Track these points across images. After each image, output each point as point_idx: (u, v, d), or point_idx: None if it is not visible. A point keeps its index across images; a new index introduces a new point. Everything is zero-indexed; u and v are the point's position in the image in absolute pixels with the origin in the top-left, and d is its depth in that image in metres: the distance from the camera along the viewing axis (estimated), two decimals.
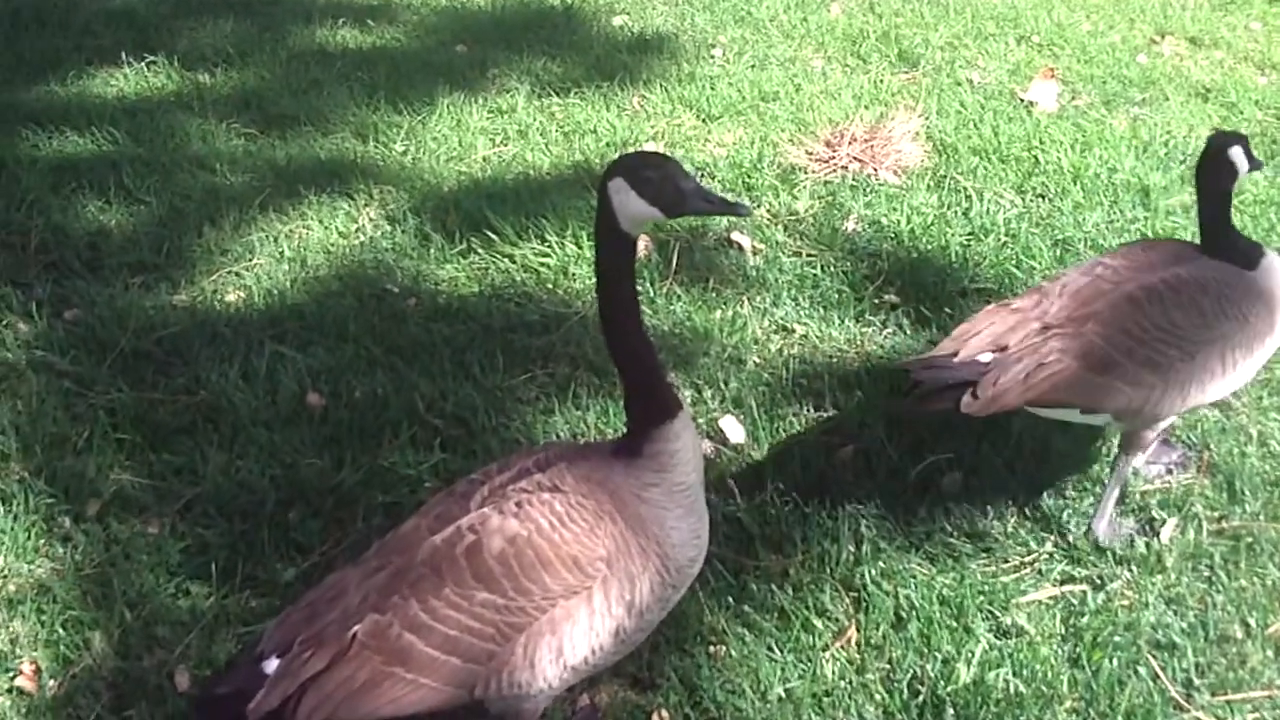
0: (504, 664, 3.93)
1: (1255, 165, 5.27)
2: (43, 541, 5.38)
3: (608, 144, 8.67)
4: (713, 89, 9.54)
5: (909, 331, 6.56)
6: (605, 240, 3.88)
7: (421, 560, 3.95)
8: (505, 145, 8.72)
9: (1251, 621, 4.94)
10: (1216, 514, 5.45)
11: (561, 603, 3.92)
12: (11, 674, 4.82)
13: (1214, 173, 5.26)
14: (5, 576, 5.21)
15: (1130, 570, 5.15)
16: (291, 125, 8.99)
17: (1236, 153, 5.14)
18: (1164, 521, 5.36)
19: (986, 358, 4.92)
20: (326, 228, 7.59)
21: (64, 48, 10.37)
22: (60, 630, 4.97)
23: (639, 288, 6.51)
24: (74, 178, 8.10)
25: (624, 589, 3.98)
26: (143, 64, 9.97)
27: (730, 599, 5.01)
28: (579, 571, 3.92)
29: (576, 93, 9.51)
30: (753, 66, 10.09)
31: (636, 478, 4.06)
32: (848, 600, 5.02)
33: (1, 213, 7.71)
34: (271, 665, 3.94)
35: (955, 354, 4.96)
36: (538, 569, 3.89)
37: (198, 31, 10.76)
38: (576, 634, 3.96)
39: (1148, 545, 5.23)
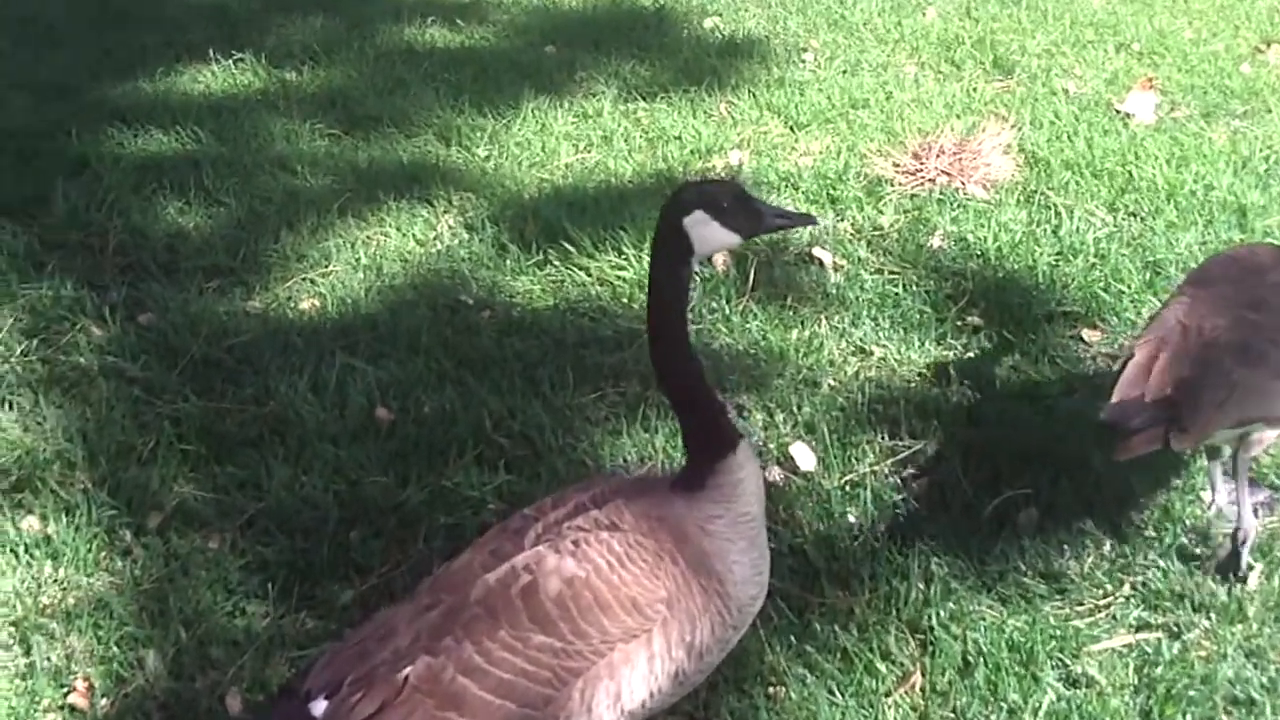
0: (560, 709, 3.79)
1: None
2: (103, 554, 5.33)
3: (692, 151, 8.56)
4: (802, 95, 9.41)
5: (991, 356, 6.39)
6: (671, 272, 3.82)
7: (475, 600, 3.81)
8: (589, 151, 8.62)
9: None
10: None
11: (620, 646, 3.80)
12: (66, 690, 4.76)
13: None
14: (65, 589, 5.17)
15: (1209, 618, 4.96)
16: (375, 126, 8.95)
17: None
18: (1251, 567, 5.16)
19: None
20: (404, 235, 7.52)
21: (153, 43, 10.42)
22: (115, 648, 4.90)
23: (715, 305, 6.52)
24: (156, 177, 8.11)
25: (684, 631, 3.87)
26: (230, 61, 10.00)
27: (792, 638, 4.86)
28: (638, 614, 3.80)
29: (663, 97, 9.41)
30: (844, 72, 9.94)
31: (699, 510, 3.96)
32: (914, 643, 4.86)
33: (82, 213, 7.71)
34: (319, 706, 3.82)
35: (1142, 395, 4.75)
36: (596, 611, 3.77)
37: (287, 28, 10.77)
38: (635, 678, 3.83)
39: (1229, 592, 5.04)
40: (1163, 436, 4.65)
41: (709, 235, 3.77)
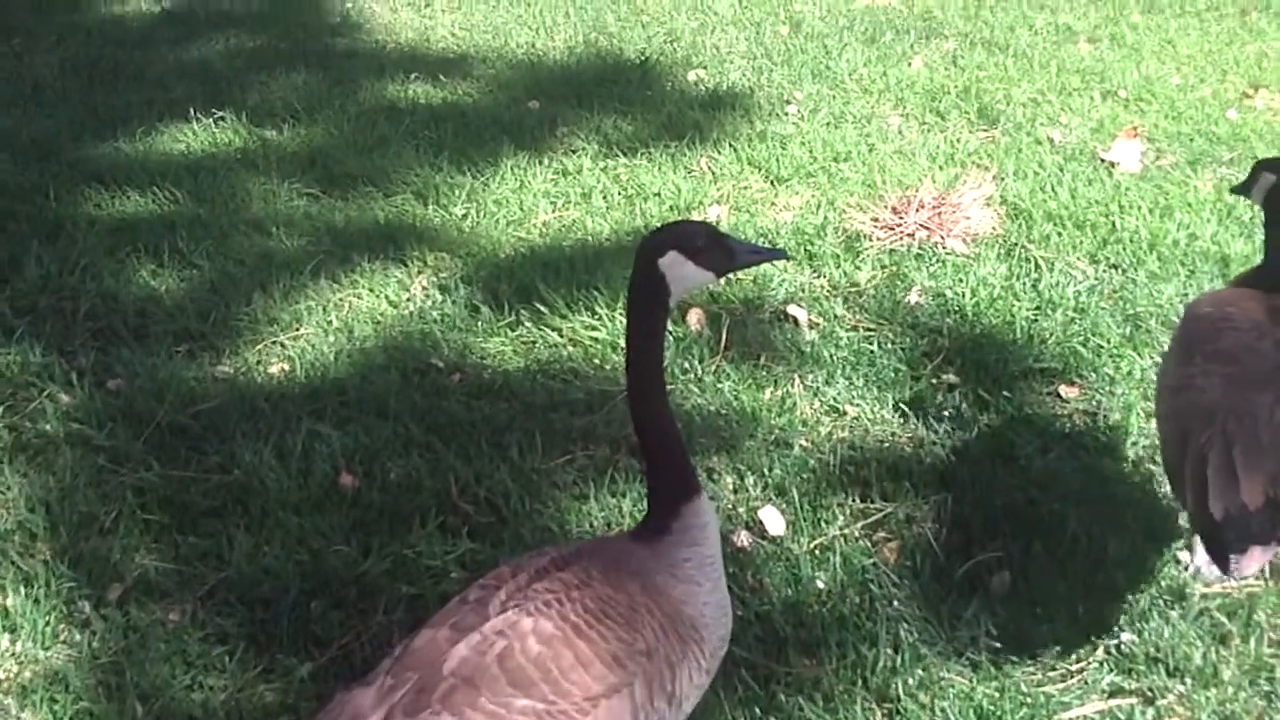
0: None
1: None
2: (62, 627, 5.22)
3: (671, 207, 8.50)
4: (783, 149, 9.35)
5: (966, 415, 6.30)
6: (647, 314, 3.92)
7: (450, 671, 3.72)
8: (567, 209, 8.55)
9: None
10: None
11: (604, 703, 3.75)
12: None
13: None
14: (21, 663, 5.06)
15: (1184, 683, 4.85)
16: (353, 185, 8.88)
17: None
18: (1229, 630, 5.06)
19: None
20: (377, 296, 7.44)
21: (136, 102, 10.39)
22: None
23: (688, 365, 6.43)
24: (130, 240, 8.02)
25: (665, 680, 3.85)
26: (211, 119, 9.93)
27: (757, 709, 4.74)
28: (620, 668, 3.77)
29: (644, 153, 9.36)
30: (827, 124, 9.89)
31: (667, 556, 4.01)
32: (880, 713, 4.76)
33: (54, 277, 7.61)
34: None
35: (1246, 505, 4.45)
36: (579, 670, 3.73)
37: (269, 85, 10.73)
38: None
39: (1204, 656, 4.93)
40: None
41: (684, 275, 3.87)
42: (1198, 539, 5.12)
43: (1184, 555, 5.43)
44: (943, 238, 7.87)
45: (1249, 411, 4.64)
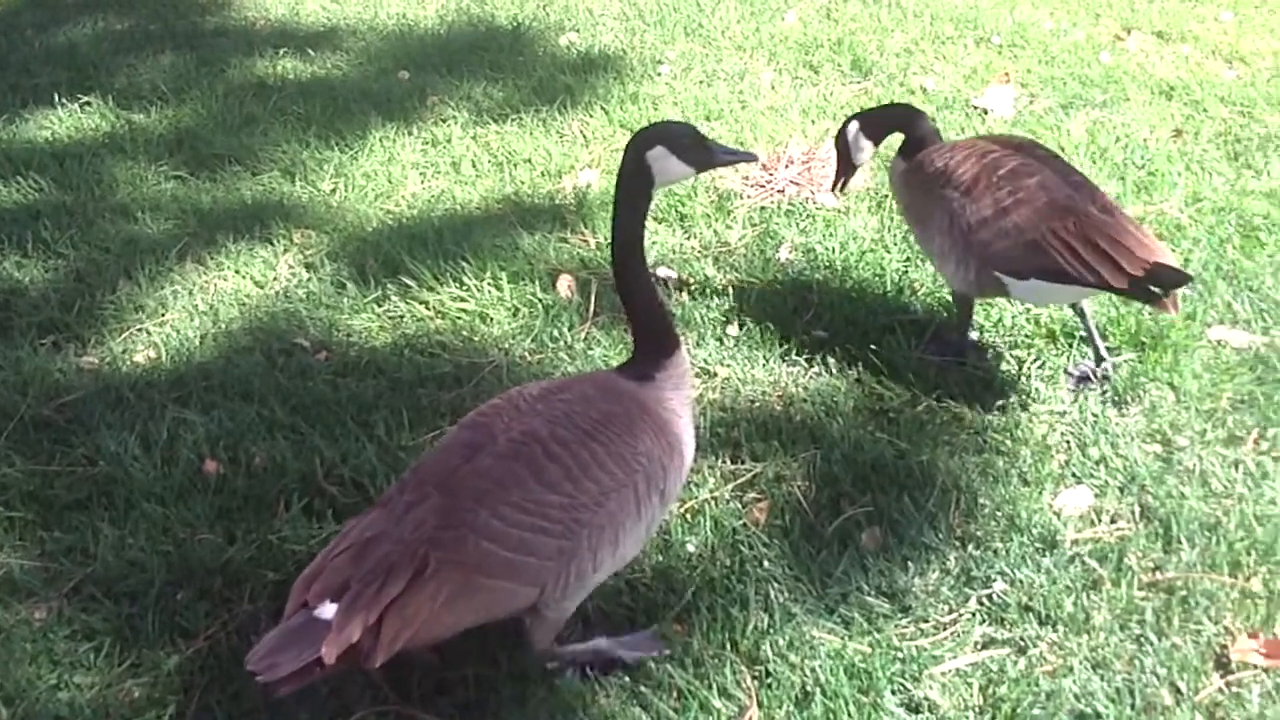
0: (571, 559, 4.24)
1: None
2: None
3: (542, 173, 8.41)
4: (655, 109, 9.27)
5: (836, 371, 6.25)
6: (632, 199, 4.53)
7: (479, 473, 4.23)
8: (436, 179, 8.43)
9: (1182, 685, 4.60)
10: (1151, 565, 5.13)
11: (614, 495, 4.30)
12: None
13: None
14: None
15: (1056, 630, 4.83)
16: (221, 166, 8.72)
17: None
18: (1100, 576, 5.06)
19: None
20: (242, 277, 7.31)
21: None
22: None
23: (557, 333, 6.36)
24: None
25: (658, 479, 4.44)
26: (77, 105, 9.72)
27: (626, 678, 4.69)
28: (625, 465, 4.34)
29: (514, 119, 9.25)
30: (700, 83, 9.80)
31: (654, 392, 4.62)
32: (750, 676, 4.70)
33: None
34: (327, 609, 4.02)
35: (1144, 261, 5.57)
36: (593, 468, 4.28)
37: (137, 68, 10.52)
38: (628, 523, 4.36)
39: (1075, 603, 4.91)
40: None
41: (668, 168, 4.50)
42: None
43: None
44: (813, 193, 7.82)
45: (1081, 194, 5.84)
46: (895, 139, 6.52)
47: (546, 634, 4.52)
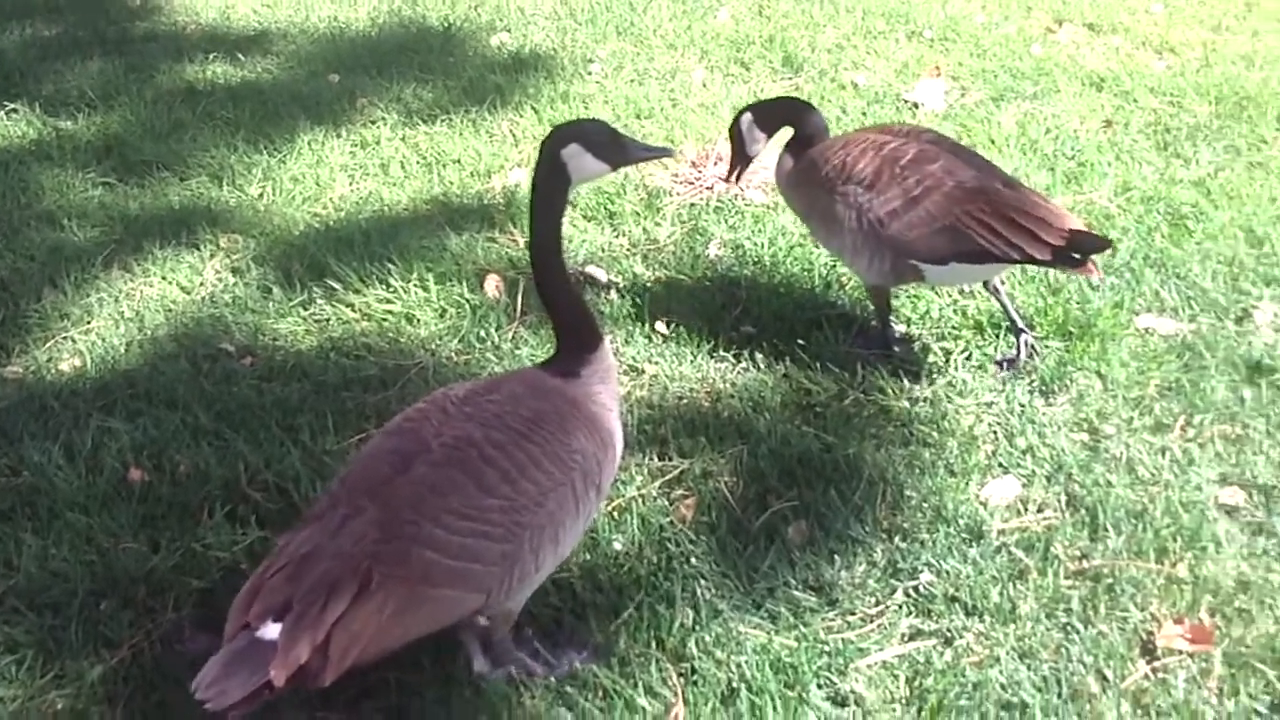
0: (515, 560, 4.20)
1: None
2: None
3: (471, 173, 8.38)
4: (586, 108, 9.25)
5: (763, 366, 6.24)
6: (549, 197, 4.49)
7: (415, 482, 4.15)
8: (364, 181, 8.38)
9: (1109, 673, 4.59)
10: (1078, 553, 5.13)
11: (553, 495, 4.27)
12: None
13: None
14: None
15: (983, 621, 4.82)
16: (149, 172, 8.64)
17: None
18: (1026, 565, 5.05)
19: None
20: (169, 283, 7.24)
21: None
22: None
23: (484, 333, 6.33)
24: None
25: (593, 474, 4.43)
26: (3, 112, 9.63)
27: (552, 678, 4.66)
28: (561, 464, 4.32)
29: (444, 120, 9.21)
30: (631, 81, 9.79)
31: (582, 388, 4.60)
32: (676, 674, 4.67)
33: None
34: (270, 629, 3.89)
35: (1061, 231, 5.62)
36: (531, 469, 4.24)
37: (65, 74, 10.42)
38: (568, 521, 4.35)
39: (1002, 592, 4.91)
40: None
41: (583, 165, 4.47)
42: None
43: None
44: (742, 189, 7.80)
45: (984, 174, 5.92)
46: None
47: (501, 628, 4.55)
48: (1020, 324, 6.15)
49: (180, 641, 4.86)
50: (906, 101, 9.17)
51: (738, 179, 6.85)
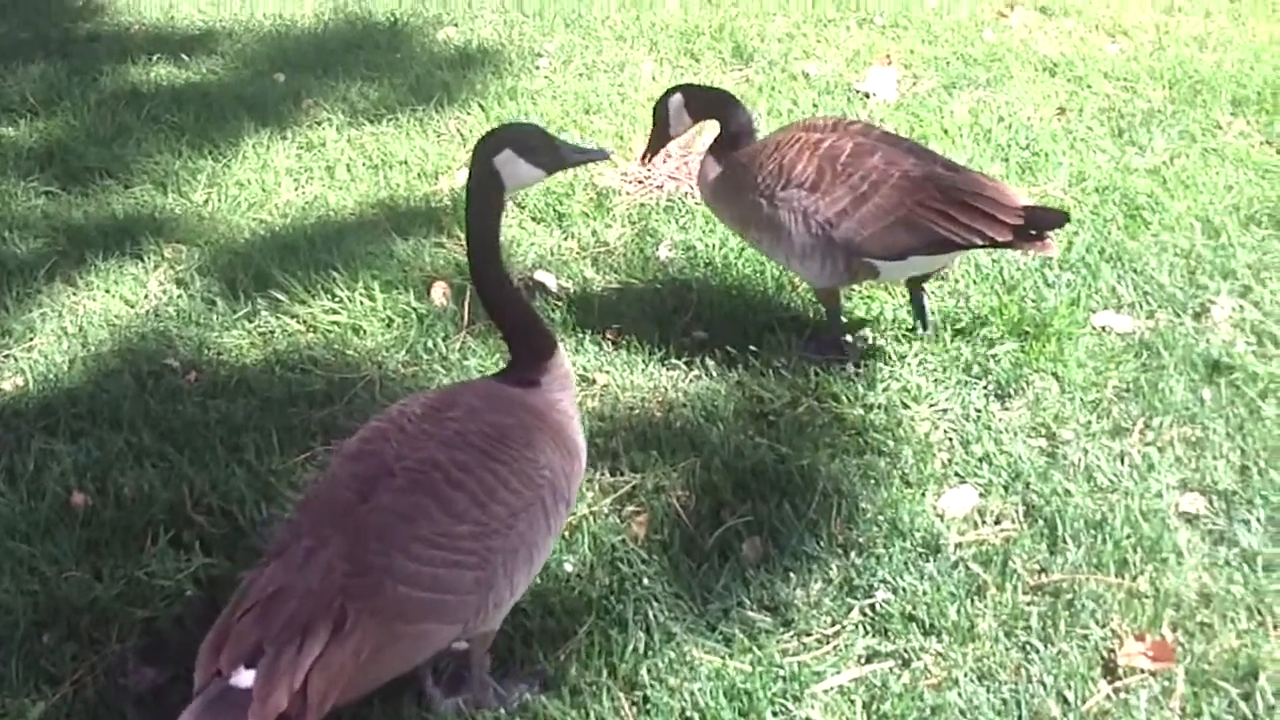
0: (490, 587, 4.08)
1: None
2: None
3: (419, 174, 8.26)
4: (534, 104, 9.14)
5: (715, 373, 6.15)
6: (484, 205, 4.41)
7: (380, 510, 4.00)
8: (310, 185, 8.26)
9: (1069, 695, 4.51)
10: (1036, 567, 5.05)
11: (523, 515, 4.15)
12: None
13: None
14: None
15: (941, 640, 4.74)
16: (93, 179, 8.49)
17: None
18: (984, 581, 4.97)
19: None
20: (112, 295, 7.11)
21: None
22: None
23: (431, 343, 6.23)
24: None
25: (563, 490, 4.32)
26: None
27: (502, 710, 4.57)
28: (531, 482, 4.20)
29: (390, 119, 9.09)
30: (579, 75, 9.69)
31: (546, 396, 4.50)
32: (628, 703, 4.58)
33: None
34: (244, 677, 3.74)
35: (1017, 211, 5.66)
36: (500, 490, 4.11)
37: (5, 79, 10.23)
38: (540, 539, 4.24)
39: (960, 610, 4.83)
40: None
41: (517, 171, 4.39)
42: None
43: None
44: (692, 187, 7.69)
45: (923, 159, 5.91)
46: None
47: (479, 649, 4.49)
48: (927, 313, 6.33)
49: (124, 674, 4.74)
50: (858, 92, 9.08)
51: (651, 159, 6.77)
